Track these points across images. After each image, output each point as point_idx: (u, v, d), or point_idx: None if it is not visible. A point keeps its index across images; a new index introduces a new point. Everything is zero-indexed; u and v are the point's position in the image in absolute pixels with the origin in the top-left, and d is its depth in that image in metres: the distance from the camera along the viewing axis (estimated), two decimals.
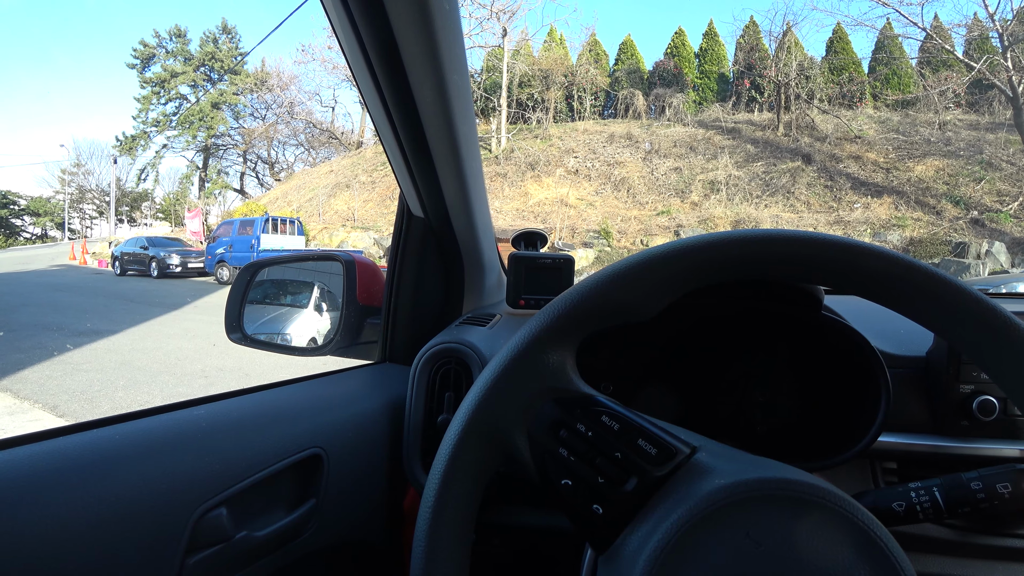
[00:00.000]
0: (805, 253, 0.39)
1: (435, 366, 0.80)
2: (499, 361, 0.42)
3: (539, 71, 19.61)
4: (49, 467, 0.44)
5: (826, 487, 0.34)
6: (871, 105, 17.66)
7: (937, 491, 0.50)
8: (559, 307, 0.42)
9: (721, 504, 0.34)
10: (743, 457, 0.39)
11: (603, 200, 15.27)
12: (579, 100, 20.37)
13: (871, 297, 0.40)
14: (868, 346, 0.66)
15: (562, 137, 18.30)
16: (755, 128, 17.10)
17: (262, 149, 33.57)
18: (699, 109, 19.39)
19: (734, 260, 0.40)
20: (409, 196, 0.88)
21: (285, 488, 0.64)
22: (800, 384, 0.76)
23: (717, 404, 0.78)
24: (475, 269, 1.02)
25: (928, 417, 0.72)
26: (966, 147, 13.86)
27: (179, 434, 0.55)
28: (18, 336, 6.09)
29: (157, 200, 38.30)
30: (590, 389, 0.42)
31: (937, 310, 0.38)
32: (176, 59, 33.03)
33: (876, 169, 14.12)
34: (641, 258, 0.41)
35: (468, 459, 0.40)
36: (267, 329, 1.21)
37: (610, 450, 0.39)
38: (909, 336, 0.78)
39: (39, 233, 39.14)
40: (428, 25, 0.54)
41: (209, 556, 0.52)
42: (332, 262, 1.10)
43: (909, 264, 0.38)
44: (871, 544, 0.32)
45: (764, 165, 15.15)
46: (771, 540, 0.33)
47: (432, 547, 0.38)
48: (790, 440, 0.74)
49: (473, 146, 0.79)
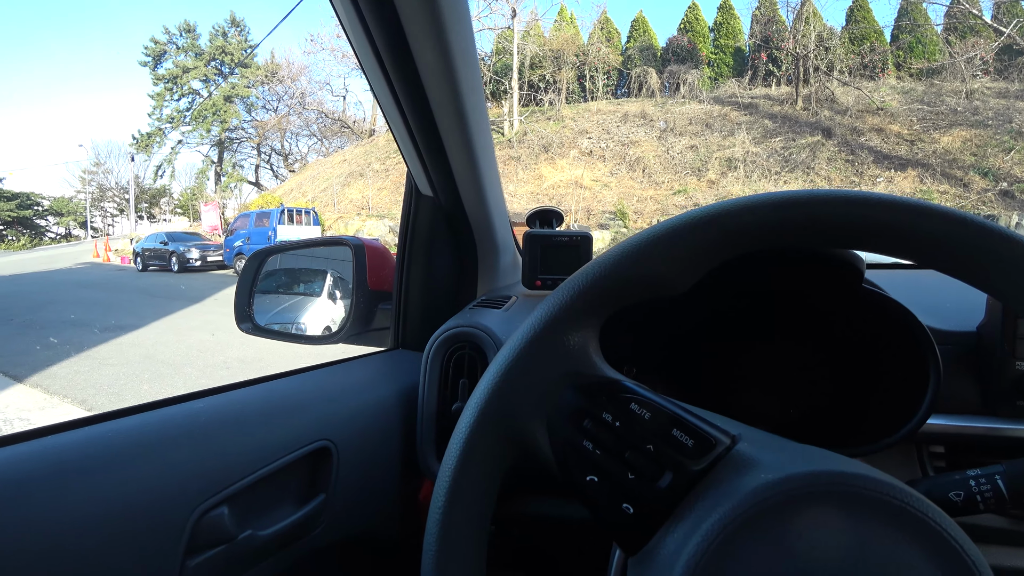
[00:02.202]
0: (859, 215, 0.34)
1: (448, 351, 0.77)
2: (514, 344, 0.38)
3: (550, 52, 19.30)
4: (35, 469, 0.42)
5: (889, 481, 0.30)
6: (894, 75, 17.05)
7: (1000, 479, 0.45)
8: (579, 282, 0.38)
9: (769, 502, 0.29)
10: (790, 447, 0.35)
11: (618, 181, 15.08)
12: (591, 80, 20.02)
13: (936, 265, 0.35)
14: (914, 320, 0.60)
15: (575, 118, 18.05)
16: (773, 103, 16.66)
17: (275, 141, 33.73)
18: (715, 85, 18.92)
19: (777, 225, 0.35)
20: (416, 174, 0.84)
21: (292, 483, 0.61)
22: (838, 363, 0.70)
23: (747, 388, 0.73)
24: (489, 249, 0.98)
25: (979, 397, 0.67)
26: (994, 116, 13.33)
27: (176, 430, 0.52)
28: (46, 333, 6.23)
29: (175, 196, 38.82)
30: (616, 374, 0.38)
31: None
32: (187, 55, 33.22)
33: (900, 141, 13.68)
34: (672, 224, 0.37)
35: (481, 453, 0.37)
36: (278, 318, 1.19)
37: (641, 442, 0.34)
38: (957, 310, 0.72)
39: (63, 233, 40.00)
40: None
41: (211, 557, 0.49)
42: (342, 247, 1.08)
43: (999, 233, 0.33)
44: (945, 546, 0.28)
45: (783, 140, 14.79)
46: (827, 543, 0.28)
47: (444, 549, 0.35)
48: (827, 424, 0.69)
49: (482, 118, 0.75)
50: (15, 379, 4.43)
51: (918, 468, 0.68)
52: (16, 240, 36.20)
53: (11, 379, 4.43)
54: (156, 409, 0.54)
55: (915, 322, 0.60)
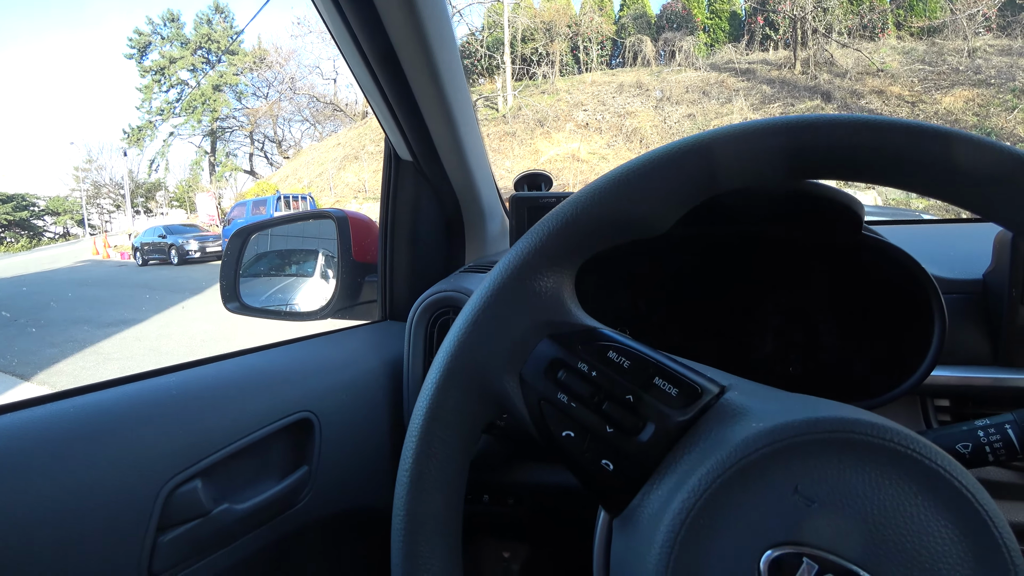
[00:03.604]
0: (855, 141, 0.31)
1: (432, 317, 0.74)
2: (481, 293, 0.35)
3: (542, 23, 18.96)
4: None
5: (891, 425, 0.27)
6: (894, 35, 16.69)
7: (1010, 428, 0.42)
8: (550, 224, 0.34)
9: (761, 452, 0.27)
10: (783, 396, 0.32)
11: (615, 152, 14.94)
12: (585, 51, 19.69)
13: (937, 192, 0.32)
14: (917, 267, 0.57)
15: (570, 91, 17.82)
16: (770, 67, 16.39)
17: (268, 128, 33.36)
18: (711, 52, 18.61)
19: (770, 154, 0.32)
20: (393, 136, 0.81)
21: (272, 456, 0.59)
22: (838, 316, 0.68)
23: (744, 344, 0.71)
24: (475, 215, 0.95)
25: (987, 347, 0.64)
26: (997, 74, 13.10)
27: (145, 405, 0.50)
28: (50, 332, 6.25)
29: (170, 188, 38.59)
30: (593, 321, 0.35)
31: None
32: (172, 44, 32.69)
33: (901, 103, 13.49)
34: (650, 157, 0.34)
35: (451, 409, 0.34)
36: (267, 298, 1.17)
37: (620, 392, 0.32)
38: (962, 257, 0.69)
39: (61, 232, 39.89)
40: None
41: (185, 532, 0.47)
42: (326, 221, 1.05)
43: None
44: (957, 496, 0.25)
45: (781, 106, 14.59)
46: (826, 495, 0.26)
47: (414, 517, 0.32)
48: (827, 379, 0.67)
49: (457, 75, 0.71)
50: (22, 377, 4.47)
51: (922, 422, 0.66)
52: (15, 242, 36.15)
53: (18, 378, 4.47)
54: (123, 384, 0.52)
55: (918, 269, 0.57)
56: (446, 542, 0.33)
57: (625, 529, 0.31)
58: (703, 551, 0.26)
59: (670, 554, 0.27)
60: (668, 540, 0.27)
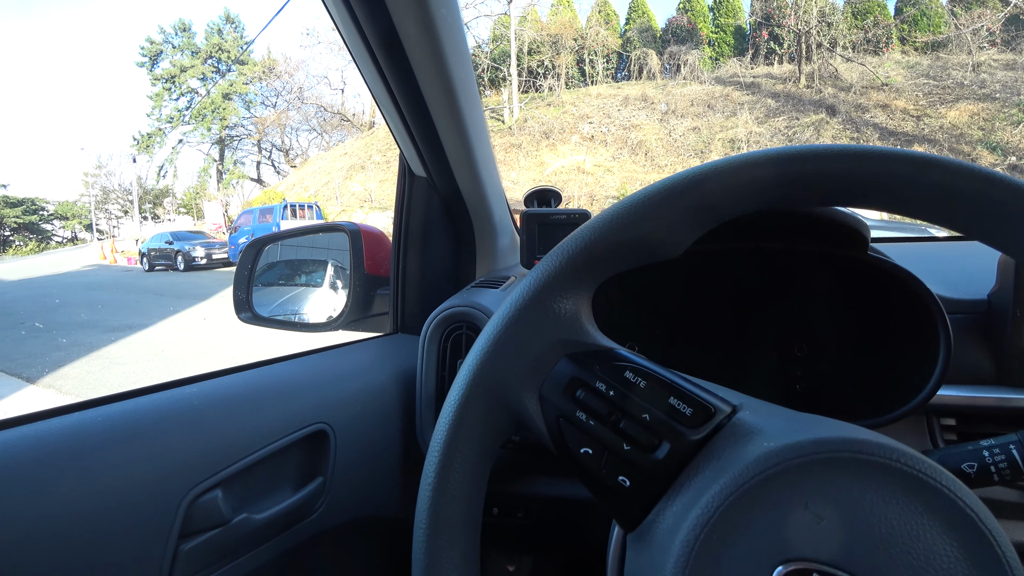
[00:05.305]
0: (867, 170, 0.32)
1: (445, 331, 0.76)
2: (503, 313, 0.36)
3: (548, 36, 19.11)
4: (25, 454, 0.41)
5: (896, 446, 0.28)
6: (899, 49, 16.75)
7: (1015, 448, 0.43)
8: (570, 248, 0.36)
9: (772, 471, 0.28)
10: (793, 416, 0.33)
11: (620, 165, 14.98)
12: (591, 64, 19.84)
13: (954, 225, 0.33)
14: (923, 287, 0.58)
15: (575, 103, 17.92)
16: (775, 81, 16.45)
17: (275, 137, 33.63)
18: (716, 65, 18.69)
19: (779, 182, 0.33)
20: (408, 153, 0.82)
21: (289, 467, 0.61)
22: (844, 335, 0.69)
23: (750, 361, 0.71)
24: (486, 230, 0.97)
25: (992, 367, 0.64)
26: (1002, 89, 13.10)
27: (168, 414, 0.51)
28: (57, 335, 6.28)
29: (178, 195, 38.87)
30: (610, 342, 0.37)
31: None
32: (183, 53, 33.08)
33: (905, 117, 13.50)
34: (665, 184, 0.35)
35: (472, 425, 0.35)
36: (279, 308, 1.18)
37: (636, 411, 0.33)
38: (966, 277, 0.70)
39: (69, 236, 40.17)
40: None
41: (206, 541, 0.48)
42: (338, 233, 1.07)
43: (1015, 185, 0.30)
44: (961, 516, 0.26)
45: (786, 119, 14.63)
46: (835, 512, 0.27)
47: (435, 527, 0.34)
48: (833, 398, 0.68)
49: (472, 94, 0.73)
50: (28, 380, 4.48)
51: (928, 441, 0.66)
52: (24, 245, 36.43)
53: (24, 380, 4.49)
54: (148, 395, 0.54)
55: (924, 290, 0.58)
56: (465, 551, 0.35)
57: (639, 545, 0.32)
58: (717, 567, 0.27)
59: (684, 569, 0.27)
60: (683, 556, 0.27)
